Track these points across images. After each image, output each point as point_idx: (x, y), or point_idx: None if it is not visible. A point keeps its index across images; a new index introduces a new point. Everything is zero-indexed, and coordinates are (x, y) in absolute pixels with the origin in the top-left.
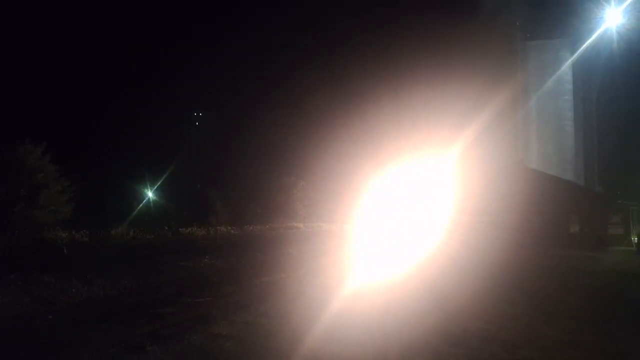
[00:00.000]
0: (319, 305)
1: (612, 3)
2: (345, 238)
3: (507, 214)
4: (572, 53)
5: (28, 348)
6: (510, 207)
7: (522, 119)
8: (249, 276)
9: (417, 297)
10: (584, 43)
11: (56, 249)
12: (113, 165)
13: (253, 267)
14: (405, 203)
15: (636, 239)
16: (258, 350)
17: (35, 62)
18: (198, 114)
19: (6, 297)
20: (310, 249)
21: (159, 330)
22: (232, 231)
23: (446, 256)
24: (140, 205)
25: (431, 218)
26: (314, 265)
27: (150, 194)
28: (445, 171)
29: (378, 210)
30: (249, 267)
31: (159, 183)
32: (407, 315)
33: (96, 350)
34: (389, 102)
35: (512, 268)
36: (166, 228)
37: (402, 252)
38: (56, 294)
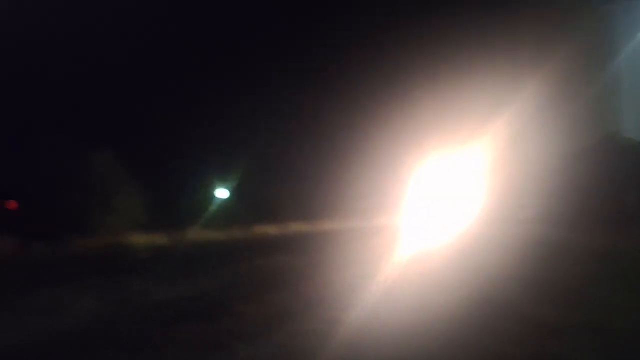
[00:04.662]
0: (408, 299)
1: None
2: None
3: (596, 198)
4: None
5: (115, 348)
6: (599, 189)
7: (610, 87)
8: (327, 272)
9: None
10: None
11: (133, 252)
12: (183, 166)
13: (330, 263)
14: (476, 191)
15: None
16: (344, 345)
17: (100, 64)
18: (267, 110)
19: (88, 300)
20: (386, 244)
21: (242, 328)
22: (306, 228)
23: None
24: (212, 204)
25: (506, 206)
26: (392, 261)
27: (221, 192)
28: (519, 153)
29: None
30: (325, 264)
31: (230, 181)
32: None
33: (182, 349)
34: (448, 76)
35: (608, 255)
36: (239, 226)
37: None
38: (137, 295)
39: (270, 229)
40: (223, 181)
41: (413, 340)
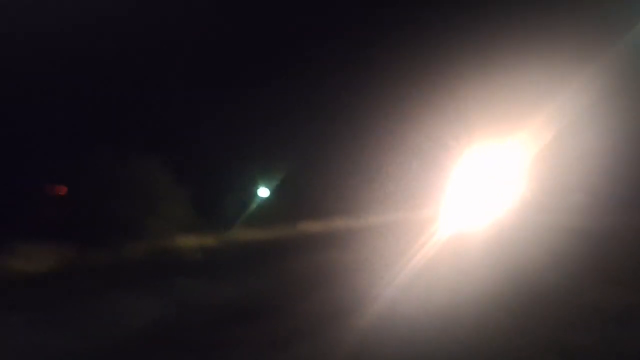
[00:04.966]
0: (459, 291)
1: None
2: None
3: None
4: None
5: (177, 350)
6: None
7: None
8: (375, 267)
9: None
10: None
11: (183, 254)
12: (225, 165)
13: (378, 258)
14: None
15: None
16: (400, 338)
17: (146, 71)
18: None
19: (146, 303)
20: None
21: (299, 327)
22: (350, 223)
23: None
24: (256, 203)
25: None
26: (440, 252)
27: (264, 191)
28: (566, 142)
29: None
30: (373, 259)
31: (273, 179)
32: None
33: (245, 349)
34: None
35: None
36: (284, 224)
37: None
38: (192, 296)
39: (315, 226)
40: (266, 180)
41: (468, 331)
